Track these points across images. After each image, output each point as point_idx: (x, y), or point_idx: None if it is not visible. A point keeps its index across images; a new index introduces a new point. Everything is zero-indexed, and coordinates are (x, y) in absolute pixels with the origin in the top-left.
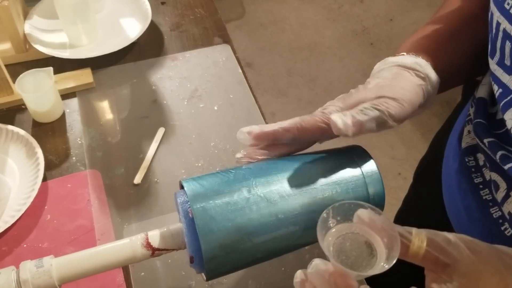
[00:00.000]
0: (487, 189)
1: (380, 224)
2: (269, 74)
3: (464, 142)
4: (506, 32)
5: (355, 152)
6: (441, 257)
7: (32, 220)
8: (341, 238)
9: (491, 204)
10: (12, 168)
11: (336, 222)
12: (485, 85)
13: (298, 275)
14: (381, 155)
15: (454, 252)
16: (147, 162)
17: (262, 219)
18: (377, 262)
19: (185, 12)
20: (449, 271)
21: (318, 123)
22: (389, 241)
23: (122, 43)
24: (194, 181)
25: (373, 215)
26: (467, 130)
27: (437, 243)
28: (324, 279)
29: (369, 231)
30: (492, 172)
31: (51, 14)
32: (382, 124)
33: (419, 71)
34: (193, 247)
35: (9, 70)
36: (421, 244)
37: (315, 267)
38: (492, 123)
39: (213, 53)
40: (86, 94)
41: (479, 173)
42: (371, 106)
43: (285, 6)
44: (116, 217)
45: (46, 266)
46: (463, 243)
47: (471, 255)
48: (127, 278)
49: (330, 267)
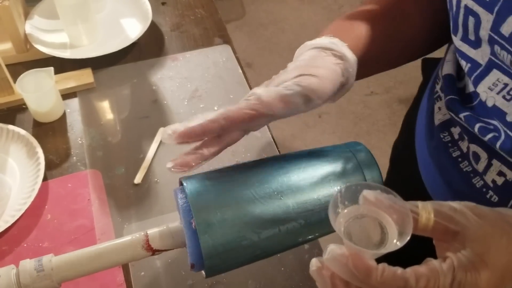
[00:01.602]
0: (466, 161)
1: (387, 202)
2: (269, 75)
3: (437, 119)
4: (467, 7)
5: (356, 150)
6: (450, 225)
7: (33, 219)
8: (351, 220)
9: (472, 175)
10: (13, 167)
11: (344, 205)
12: (449, 62)
13: (314, 263)
14: (381, 155)
15: (462, 219)
16: (148, 162)
17: (261, 216)
18: (389, 239)
19: (186, 12)
20: (460, 239)
21: (243, 110)
22: (399, 218)
23: (123, 43)
24: (193, 179)
25: (379, 194)
26: (437, 107)
27: (444, 213)
28: (342, 263)
29: (377, 210)
30: (471, 144)
31: (52, 14)
32: (308, 100)
33: (335, 50)
34: (192, 246)
35: (10, 70)
36: (429, 216)
37: (331, 253)
38: (463, 98)
39: (214, 54)
40: (86, 94)
41: (455, 147)
42: (293, 83)
43: (285, 7)
44: (116, 217)
45: (46, 270)
46: (468, 210)
47: (478, 219)
48: (127, 277)
49: (346, 251)
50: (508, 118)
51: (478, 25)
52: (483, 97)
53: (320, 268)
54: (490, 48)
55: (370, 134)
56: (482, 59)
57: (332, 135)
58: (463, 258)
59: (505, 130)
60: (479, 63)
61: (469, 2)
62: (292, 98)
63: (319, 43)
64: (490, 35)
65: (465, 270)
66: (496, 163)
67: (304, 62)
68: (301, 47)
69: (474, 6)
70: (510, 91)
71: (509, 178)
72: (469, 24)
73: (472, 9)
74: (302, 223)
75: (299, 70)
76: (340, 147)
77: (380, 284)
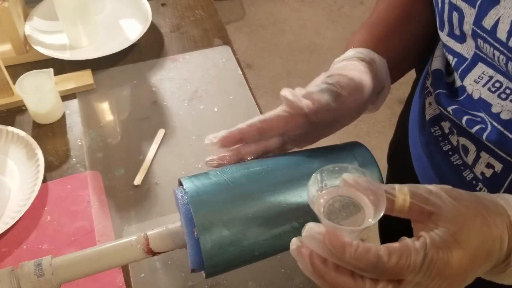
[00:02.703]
0: (457, 155)
1: (365, 184)
2: (269, 76)
3: (428, 114)
4: (451, 3)
5: (356, 150)
6: (425, 207)
7: (32, 221)
8: (331, 201)
9: (463, 168)
10: (12, 169)
11: (324, 187)
12: (438, 57)
13: (294, 242)
14: (381, 156)
15: (437, 201)
16: (147, 163)
17: (262, 216)
18: (366, 218)
19: (185, 13)
20: (434, 219)
21: (278, 112)
22: (375, 199)
23: (122, 45)
24: (193, 179)
25: (357, 177)
26: (428, 102)
27: (420, 195)
28: (319, 240)
29: (355, 192)
30: (460, 137)
31: (52, 15)
32: (337, 95)
33: (363, 58)
34: (192, 246)
35: (9, 71)
36: (405, 197)
37: (309, 231)
38: (451, 92)
39: (213, 55)
40: (86, 96)
41: (446, 141)
42: (320, 82)
43: (285, 8)
44: (116, 218)
45: (47, 275)
46: (444, 192)
47: (453, 201)
48: (127, 279)
49: (323, 229)
50: (493, 109)
51: (462, 20)
52: (469, 90)
53: (299, 247)
54: (474, 42)
55: (370, 135)
56: (468, 53)
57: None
58: (436, 236)
59: (491, 121)
60: (465, 57)
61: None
62: (318, 94)
63: (346, 55)
64: (473, 29)
65: (437, 247)
66: (485, 155)
67: (335, 69)
68: (332, 64)
69: (458, 1)
70: (495, 83)
71: (497, 169)
72: (454, 19)
73: (456, 4)
74: (302, 222)
75: (328, 73)
76: (340, 147)
77: (354, 259)
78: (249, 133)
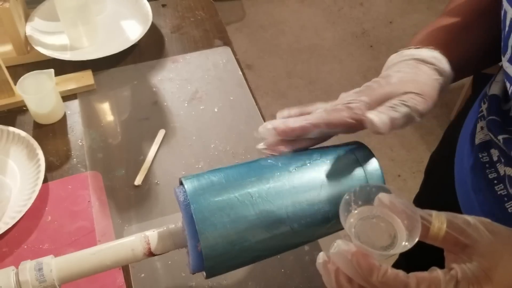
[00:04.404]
0: (502, 184)
1: (400, 207)
2: (269, 76)
3: (478, 138)
4: None
5: (358, 151)
6: (460, 238)
7: (33, 221)
8: (362, 220)
9: (506, 199)
10: (13, 169)
11: (357, 205)
12: (498, 82)
13: (321, 256)
14: (381, 157)
15: (474, 233)
16: (148, 163)
17: (263, 216)
18: (398, 243)
19: (186, 14)
20: (469, 252)
21: (347, 119)
22: (410, 223)
23: (123, 45)
24: (193, 178)
25: (393, 198)
26: (479, 126)
27: (457, 225)
28: (347, 259)
29: (390, 213)
30: (507, 167)
31: (52, 16)
32: (410, 120)
33: (436, 65)
34: (193, 246)
35: (10, 72)
36: (441, 226)
37: (338, 248)
38: (505, 120)
39: (214, 55)
40: (87, 96)
41: (493, 169)
42: (400, 102)
43: (285, 9)
44: (116, 219)
45: (47, 275)
46: (482, 225)
47: (490, 236)
48: (127, 279)
49: (352, 247)
50: None
51: None
52: None
53: (326, 262)
54: None
55: (370, 135)
56: None
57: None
58: (467, 270)
59: None
60: None
61: None
62: (398, 120)
63: (419, 55)
64: None
65: (468, 282)
66: None
67: (409, 75)
68: (397, 54)
69: None
70: None
71: None
72: None
73: None
74: (304, 222)
75: (405, 86)
76: (340, 146)
77: (381, 283)
78: (310, 132)
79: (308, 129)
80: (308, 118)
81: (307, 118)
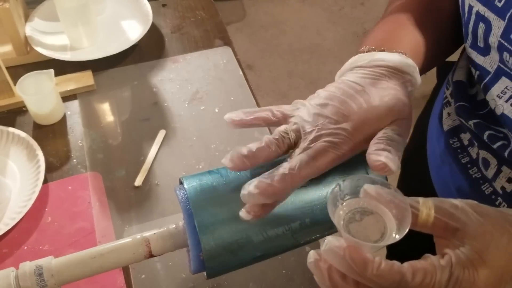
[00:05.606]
0: (476, 168)
1: (387, 197)
2: (270, 76)
3: (446, 124)
4: (479, 14)
5: None
6: (450, 222)
7: (33, 222)
8: (350, 213)
9: (482, 181)
10: (13, 170)
11: (345, 198)
12: (462, 68)
13: (312, 255)
14: None
15: (462, 216)
16: (148, 164)
17: (262, 218)
18: (388, 233)
19: (186, 14)
20: (459, 235)
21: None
22: (399, 213)
23: (123, 45)
24: (194, 178)
25: (379, 188)
26: (446, 112)
27: (445, 209)
28: (339, 255)
29: (378, 204)
30: (481, 150)
31: (52, 16)
32: None
33: (411, 76)
34: (193, 246)
35: (10, 72)
36: (430, 212)
37: (329, 244)
38: (474, 105)
39: (214, 55)
40: (87, 96)
41: (465, 153)
42: (394, 133)
43: (286, 8)
44: (117, 219)
45: (47, 276)
46: (469, 207)
47: (479, 217)
48: (127, 280)
49: (344, 243)
50: None
51: (488, 32)
52: (492, 104)
53: (317, 260)
54: (499, 55)
55: None
56: (491, 67)
57: None
58: (461, 255)
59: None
60: (488, 71)
61: (480, 8)
62: (398, 153)
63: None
64: (500, 42)
65: (463, 266)
66: (506, 169)
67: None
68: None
69: (486, 13)
70: None
71: None
72: (479, 31)
73: (484, 16)
74: (306, 222)
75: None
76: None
77: (376, 277)
78: None
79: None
80: (294, 175)
81: (293, 177)
